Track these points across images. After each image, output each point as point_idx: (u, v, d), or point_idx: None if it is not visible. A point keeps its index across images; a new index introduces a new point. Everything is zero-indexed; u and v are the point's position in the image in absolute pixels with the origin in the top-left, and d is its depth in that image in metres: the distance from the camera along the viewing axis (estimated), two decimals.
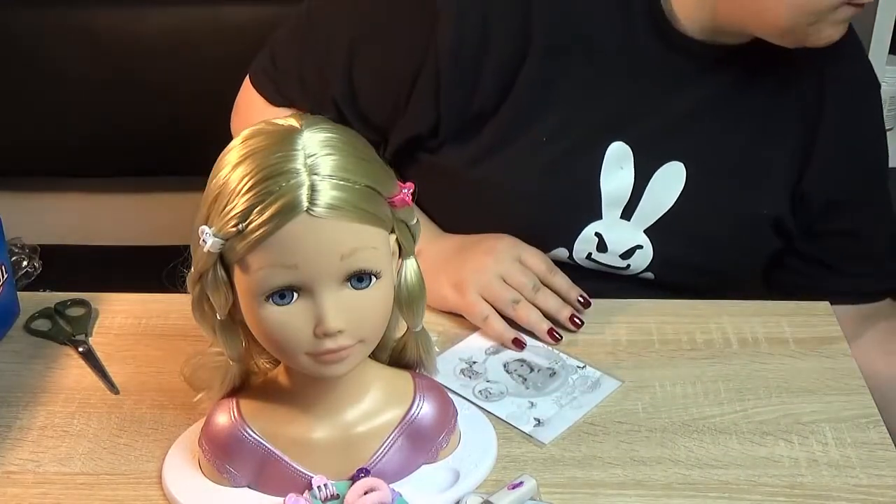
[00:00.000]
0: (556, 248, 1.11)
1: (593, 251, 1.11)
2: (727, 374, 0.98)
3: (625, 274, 1.13)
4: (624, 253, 1.12)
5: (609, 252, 1.11)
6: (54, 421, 0.93)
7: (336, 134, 0.75)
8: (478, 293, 1.02)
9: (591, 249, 1.11)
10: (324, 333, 0.75)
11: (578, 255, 1.12)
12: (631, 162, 1.09)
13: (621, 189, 1.10)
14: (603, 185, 1.09)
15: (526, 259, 1.05)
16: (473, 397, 0.95)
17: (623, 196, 1.10)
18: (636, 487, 0.85)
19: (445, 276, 1.04)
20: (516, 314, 1.02)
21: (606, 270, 1.13)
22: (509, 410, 0.93)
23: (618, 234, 1.11)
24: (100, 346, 1.02)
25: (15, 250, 1.64)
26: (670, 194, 1.11)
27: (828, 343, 1.02)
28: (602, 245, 1.11)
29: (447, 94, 1.07)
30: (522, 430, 0.91)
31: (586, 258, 1.12)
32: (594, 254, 1.12)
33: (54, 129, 1.72)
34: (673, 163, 1.10)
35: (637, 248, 1.12)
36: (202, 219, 0.75)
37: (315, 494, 0.80)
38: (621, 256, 1.12)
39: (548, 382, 0.97)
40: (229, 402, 0.83)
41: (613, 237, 1.11)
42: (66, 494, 0.85)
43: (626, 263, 1.12)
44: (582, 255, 1.12)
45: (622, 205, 1.10)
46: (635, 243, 1.11)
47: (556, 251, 1.11)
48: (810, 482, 0.86)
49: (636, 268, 1.13)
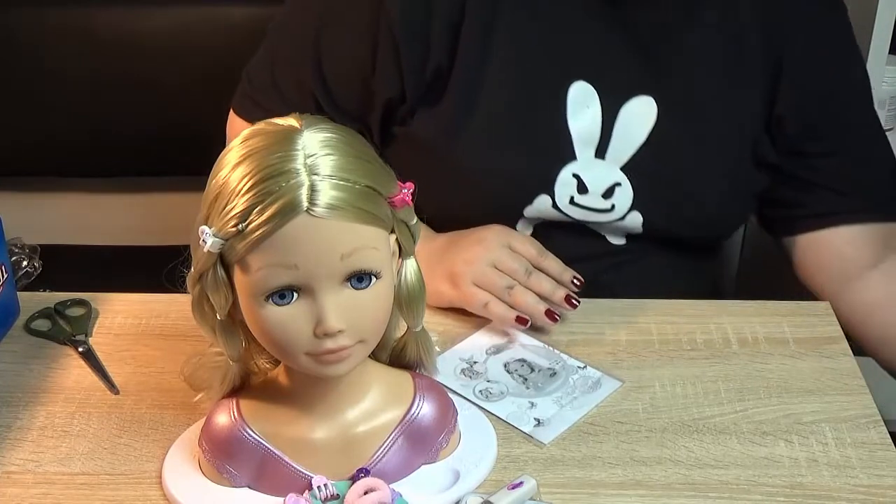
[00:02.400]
0: (538, 197, 1.12)
1: (575, 194, 1.12)
2: (727, 374, 0.98)
3: (613, 220, 1.13)
4: (605, 192, 1.12)
5: (590, 193, 1.12)
6: (54, 421, 0.93)
7: (336, 134, 0.75)
8: (472, 283, 1.03)
9: (573, 192, 1.12)
10: (324, 333, 0.75)
11: (561, 200, 1.12)
12: (596, 100, 1.10)
13: (591, 128, 1.11)
14: (571, 126, 1.11)
15: (516, 245, 1.05)
16: (474, 397, 0.95)
17: (593, 134, 1.11)
18: (636, 487, 0.85)
19: (439, 272, 1.05)
20: (512, 299, 1.02)
21: (596, 221, 1.14)
22: (509, 410, 0.93)
23: (595, 174, 1.12)
24: (100, 346, 1.02)
25: (15, 250, 1.64)
26: (641, 129, 1.11)
27: (828, 343, 1.02)
28: (582, 186, 1.12)
29: (405, 57, 1.09)
30: (522, 430, 0.91)
31: (570, 203, 1.12)
32: (576, 197, 1.12)
33: (54, 129, 1.72)
34: (641, 97, 1.11)
35: (616, 185, 1.12)
36: (202, 219, 0.75)
37: (315, 494, 0.80)
38: (603, 196, 1.12)
39: (548, 382, 0.97)
40: (229, 402, 0.83)
41: (591, 177, 1.12)
42: (66, 494, 0.85)
43: (610, 203, 1.12)
44: (565, 201, 1.12)
45: (594, 143, 1.11)
46: (613, 181, 1.12)
47: (538, 201, 1.12)
48: (810, 482, 0.86)
49: (621, 208, 1.13)
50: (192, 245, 0.77)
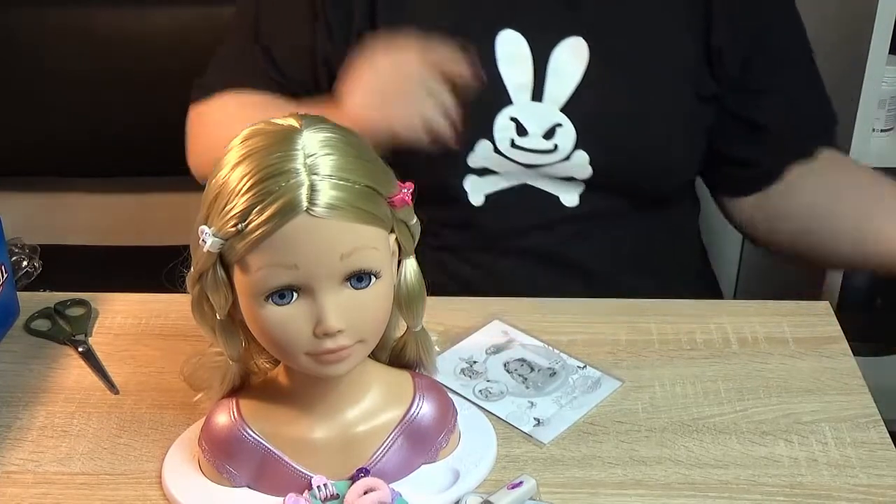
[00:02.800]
0: (479, 143, 1.13)
1: (515, 136, 1.14)
2: (727, 374, 0.98)
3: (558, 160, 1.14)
4: (546, 133, 1.13)
5: (531, 135, 1.13)
6: (54, 421, 0.93)
7: (336, 134, 0.75)
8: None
9: (512, 135, 1.14)
10: (324, 333, 0.75)
11: (502, 144, 1.14)
12: (525, 46, 1.13)
13: (522, 73, 1.13)
14: (503, 73, 1.13)
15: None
16: (473, 397, 0.95)
17: (526, 79, 1.13)
18: (636, 487, 0.85)
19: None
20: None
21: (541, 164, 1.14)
22: (509, 410, 0.93)
23: (533, 115, 1.13)
24: (99, 346, 1.02)
25: (15, 250, 1.64)
26: (575, 70, 1.13)
27: (828, 343, 1.02)
28: (521, 129, 1.13)
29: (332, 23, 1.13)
30: (522, 430, 0.91)
31: (511, 147, 1.14)
32: (517, 139, 1.14)
33: (54, 129, 1.72)
34: (570, 39, 1.13)
35: (557, 126, 1.13)
36: (202, 219, 0.75)
37: (315, 494, 0.80)
38: (544, 137, 1.13)
39: (548, 382, 0.97)
40: (229, 401, 0.83)
41: (529, 118, 1.13)
42: (66, 494, 0.85)
43: (553, 144, 1.13)
44: (506, 144, 1.14)
45: (529, 88, 1.13)
46: (553, 122, 1.13)
47: (479, 147, 1.14)
48: (810, 482, 0.86)
49: (564, 148, 1.14)
50: (191, 245, 0.77)
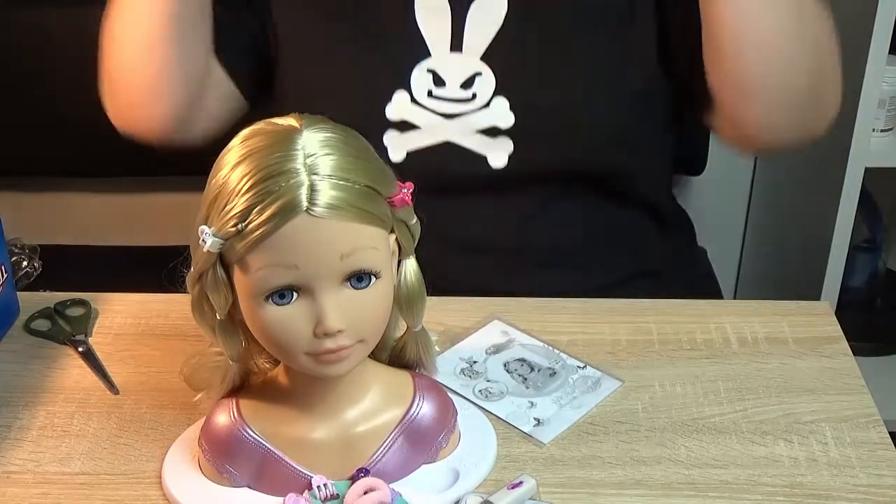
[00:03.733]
0: (395, 92, 1.13)
1: (432, 87, 1.13)
2: (727, 373, 0.98)
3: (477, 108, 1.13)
4: (464, 83, 1.13)
5: (448, 85, 1.13)
6: (54, 421, 0.93)
7: (336, 134, 0.76)
8: None
9: (430, 86, 1.13)
10: (324, 333, 0.75)
11: (419, 95, 1.13)
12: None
13: (440, 23, 1.13)
14: (420, 23, 1.13)
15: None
16: (473, 397, 0.95)
17: (444, 29, 1.13)
18: (636, 487, 0.85)
19: None
20: None
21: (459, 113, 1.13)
22: (509, 410, 0.93)
23: (451, 66, 1.13)
24: (99, 346, 1.02)
25: (15, 250, 1.64)
26: (495, 18, 1.13)
27: (828, 343, 1.02)
28: (438, 80, 1.13)
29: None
30: (522, 430, 0.91)
31: (428, 97, 1.13)
32: (434, 90, 1.13)
33: (55, 128, 1.72)
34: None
35: (476, 75, 1.13)
36: (202, 219, 0.75)
37: (315, 494, 0.80)
38: (462, 87, 1.13)
39: (548, 382, 0.97)
40: (229, 402, 0.83)
41: (447, 69, 1.13)
42: (66, 494, 0.85)
43: (471, 93, 1.13)
44: (423, 95, 1.14)
45: (447, 38, 1.13)
46: (473, 71, 1.13)
47: (396, 96, 1.13)
48: (810, 482, 0.86)
49: (484, 96, 1.13)
50: (191, 245, 0.77)
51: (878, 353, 1.88)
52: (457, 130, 1.14)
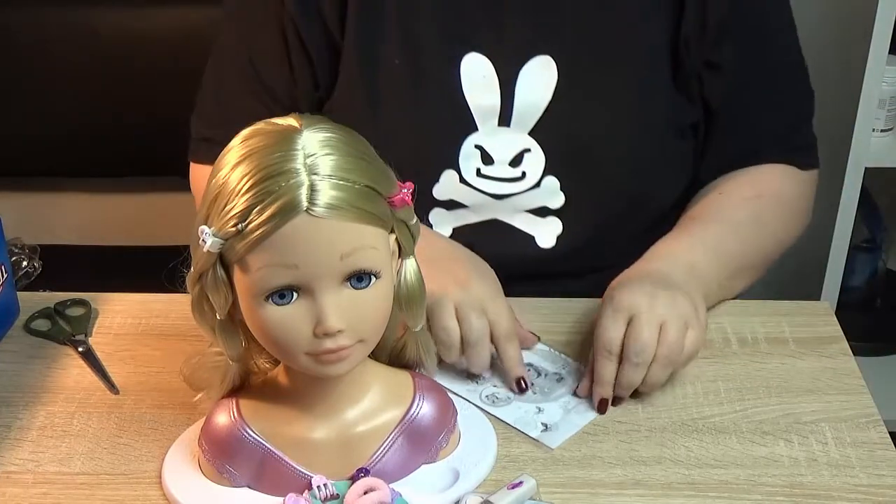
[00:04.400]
0: (444, 172, 1.10)
1: (480, 165, 1.10)
2: (727, 374, 0.98)
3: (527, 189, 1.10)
4: (513, 160, 1.09)
5: (497, 162, 1.09)
6: (54, 421, 0.93)
7: (336, 134, 0.75)
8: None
9: (478, 164, 1.10)
10: (324, 333, 0.75)
11: (468, 173, 1.10)
12: (490, 68, 1.08)
13: (489, 98, 1.09)
14: (469, 98, 1.09)
15: (489, 309, 0.95)
16: (480, 402, 0.94)
17: (493, 104, 1.09)
18: (636, 487, 0.85)
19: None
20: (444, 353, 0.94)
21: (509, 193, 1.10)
22: (517, 415, 0.93)
23: (500, 142, 1.09)
24: (99, 346, 1.02)
25: (15, 250, 1.64)
26: (544, 91, 1.09)
27: (828, 343, 1.02)
28: (487, 156, 1.10)
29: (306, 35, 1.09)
30: (530, 436, 0.90)
31: (477, 176, 1.10)
32: (483, 168, 1.10)
33: (55, 128, 1.72)
34: (538, 58, 1.08)
35: (525, 151, 1.09)
36: (202, 219, 0.75)
37: (315, 494, 0.80)
38: (511, 164, 1.09)
39: (555, 388, 0.96)
40: (229, 401, 0.83)
41: (496, 146, 1.09)
42: (66, 494, 0.85)
43: (520, 171, 1.10)
44: (471, 174, 1.10)
45: (496, 113, 1.09)
46: (521, 147, 1.09)
47: (444, 176, 1.10)
48: (810, 482, 0.86)
49: (533, 175, 1.10)
50: (191, 245, 0.77)
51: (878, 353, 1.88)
52: (505, 209, 1.11)
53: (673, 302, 0.93)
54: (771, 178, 1.14)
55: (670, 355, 0.92)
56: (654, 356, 0.91)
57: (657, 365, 0.92)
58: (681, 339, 0.92)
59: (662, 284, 0.95)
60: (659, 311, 0.92)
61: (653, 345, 0.91)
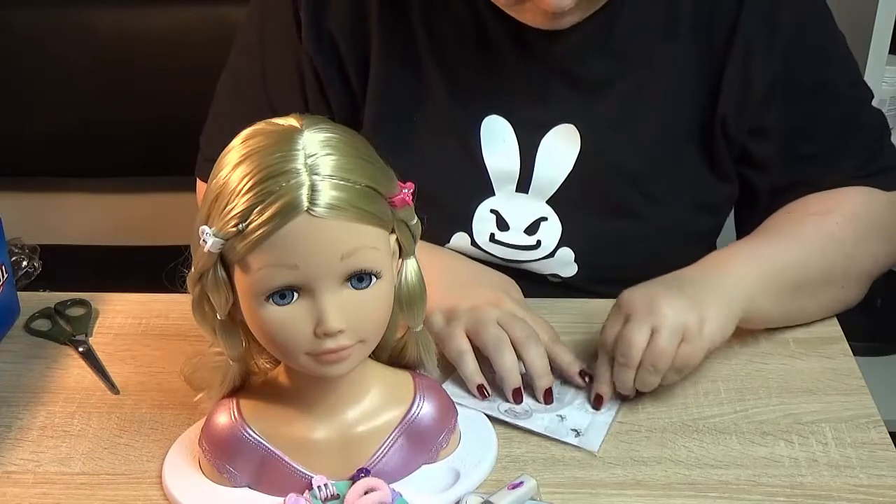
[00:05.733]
0: (455, 234, 1.08)
1: (495, 231, 1.07)
2: (727, 374, 0.98)
3: (541, 258, 1.08)
4: (528, 227, 1.07)
5: (512, 229, 1.07)
6: (54, 421, 0.93)
7: (336, 134, 0.75)
8: (464, 329, 0.94)
9: (492, 229, 1.07)
10: (324, 333, 0.75)
11: (480, 237, 1.07)
12: (511, 133, 1.05)
13: (508, 162, 1.06)
14: (487, 161, 1.06)
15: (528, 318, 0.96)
16: (503, 416, 0.91)
17: (512, 169, 1.06)
18: (636, 487, 0.85)
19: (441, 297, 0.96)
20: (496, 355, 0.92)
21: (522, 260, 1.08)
22: (544, 425, 0.91)
23: (516, 208, 1.07)
24: (100, 346, 1.02)
25: (15, 250, 1.64)
26: (566, 159, 1.05)
27: (828, 343, 1.02)
28: (502, 222, 1.07)
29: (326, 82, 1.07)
30: (569, 443, 0.89)
31: (490, 241, 1.08)
32: (497, 234, 1.07)
33: (55, 128, 1.72)
34: (562, 126, 1.05)
35: (541, 220, 1.07)
36: (202, 219, 0.75)
37: (315, 494, 0.80)
38: (526, 232, 1.07)
39: (564, 393, 0.95)
40: (229, 402, 0.83)
41: (512, 212, 1.07)
42: (66, 494, 0.85)
43: (535, 240, 1.07)
44: (484, 238, 1.07)
45: (514, 178, 1.06)
46: (538, 215, 1.07)
47: (456, 238, 1.08)
48: (810, 482, 0.86)
49: (548, 244, 1.07)
50: (192, 245, 0.77)
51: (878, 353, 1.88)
52: (515, 272, 1.07)
53: (674, 310, 0.89)
54: (845, 197, 1.07)
55: (656, 363, 0.89)
56: (641, 360, 0.89)
57: (643, 370, 0.90)
58: (670, 349, 0.88)
59: (674, 289, 0.92)
60: (655, 315, 0.89)
61: (638, 348, 0.89)
